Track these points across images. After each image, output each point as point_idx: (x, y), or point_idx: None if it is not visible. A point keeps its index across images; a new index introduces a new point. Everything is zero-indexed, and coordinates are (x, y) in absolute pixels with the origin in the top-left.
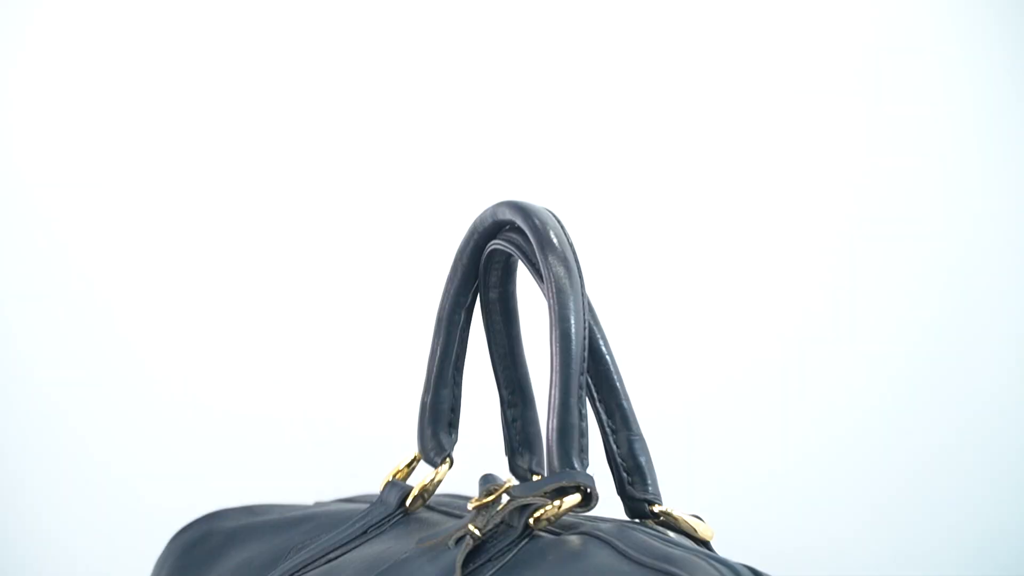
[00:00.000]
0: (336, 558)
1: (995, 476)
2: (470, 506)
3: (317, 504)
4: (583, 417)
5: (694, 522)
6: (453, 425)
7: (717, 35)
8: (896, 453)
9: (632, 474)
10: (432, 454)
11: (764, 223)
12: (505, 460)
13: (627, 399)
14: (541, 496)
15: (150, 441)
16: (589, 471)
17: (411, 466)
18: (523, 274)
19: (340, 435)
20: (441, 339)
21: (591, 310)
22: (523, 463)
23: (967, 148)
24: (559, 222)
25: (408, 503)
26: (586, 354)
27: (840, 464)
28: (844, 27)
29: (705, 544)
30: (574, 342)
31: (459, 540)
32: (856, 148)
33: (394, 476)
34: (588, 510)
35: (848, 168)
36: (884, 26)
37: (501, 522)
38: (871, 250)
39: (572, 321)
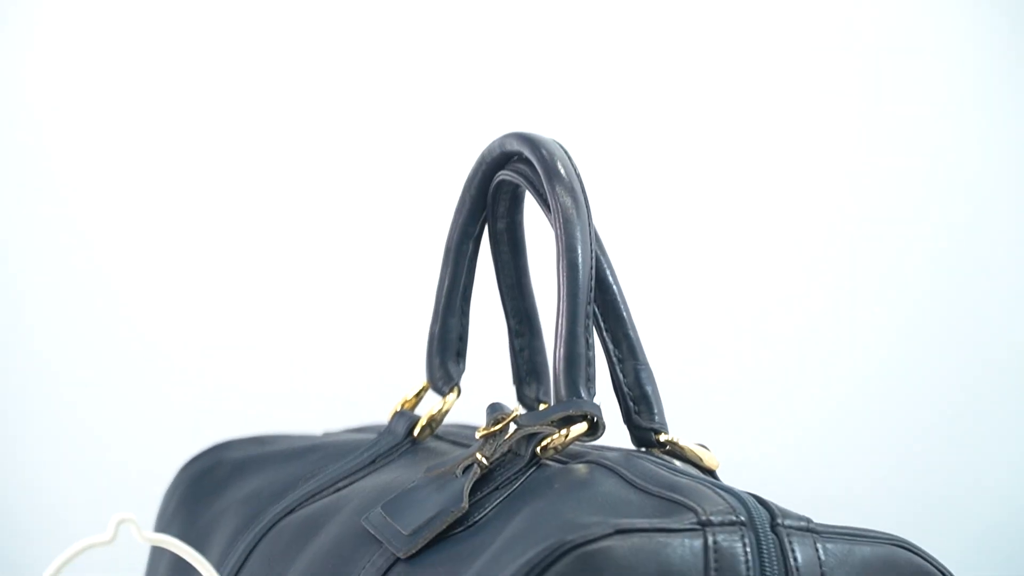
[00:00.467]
0: (344, 488)
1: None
2: (477, 435)
3: (326, 434)
4: (590, 347)
5: (700, 451)
6: (461, 354)
7: None
8: (913, 390)
9: (638, 403)
10: (440, 383)
11: (778, 144)
12: (513, 390)
13: (634, 329)
14: (548, 425)
15: (157, 374)
16: (596, 400)
17: (419, 396)
18: (531, 205)
19: (348, 366)
20: (449, 269)
21: (598, 240)
22: (530, 392)
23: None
24: (566, 153)
25: (416, 432)
26: (593, 284)
27: (851, 396)
28: (846, 23)
29: (711, 473)
30: (581, 272)
31: (466, 468)
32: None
33: (402, 406)
34: (595, 439)
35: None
36: (884, 24)
37: (508, 451)
38: (901, 193)
39: (579, 251)
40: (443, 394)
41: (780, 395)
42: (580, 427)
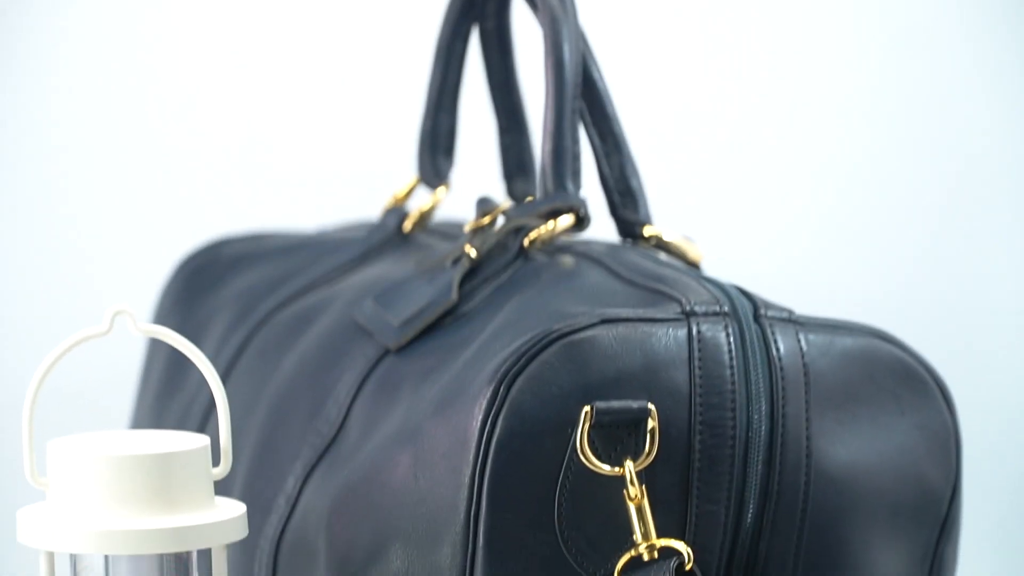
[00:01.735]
0: (336, 282)
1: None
2: (466, 228)
3: (318, 231)
4: (576, 142)
5: (684, 244)
6: (450, 150)
7: None
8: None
9: (624, 197)
10: (430, 179)
11: None
12: (501, 186)
13: (619, 125)
14: (535, 218)
15: (154, 170)
16: (582, 195)
17: (410, 191)
18: (519, 6)
19: (340, 164)
20: (440, 67)
21: (584, 39)
22: (519, 188)
23: None
24: None
25: (406, 227)
26: (579, 81)
27: (839, 191)
28: None
29: (695, 265)
30: (567, 69)
31: (456, 261)
32: None
33: (393, 201)
34: (581, 232)
35: None
36: None
37: (497, 243)
38: None
39: (565, 49)
40: (433, 189)
41: (765, 188)
42: (567, 220)
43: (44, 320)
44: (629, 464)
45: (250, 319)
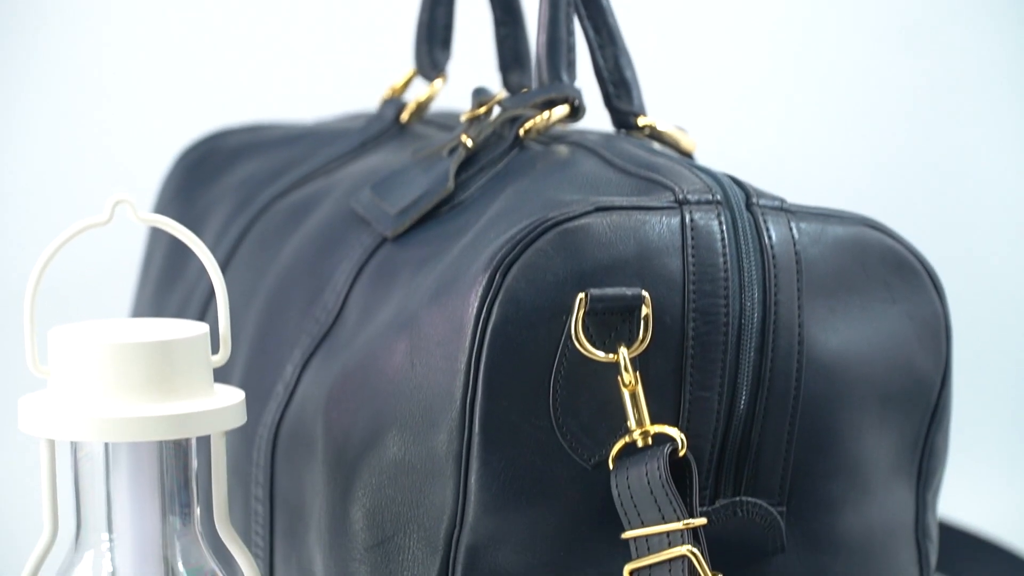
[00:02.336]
0: (334, 171)
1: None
2: (462, 118)
3: (317, 123)
4: (571, 33)
5: (678, 134)
6: (447, 42)
7: None
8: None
9: (618, 88)
10: (427, 70)
11: None
12: (497, 78)
13: (613, 16)
14: (531, 108)
15: (155, 62)
16: (576, 85)
17: (407, 83)
18: None
19: (338, 56)
20: None
21: None
22: (514, 79)
23: None
24: None
25: (404, 117)
26: None
27: (831, 81)
28: None
29: (688, 155)
30: None
31: (452, 150)
32: None
33: (391, 92)
34: (575, 121)
35: None
36: None
37: (492, 133)
38: None
39: None
40: (430, 80)
41: (758, 79)
42: (562, 110)
43: (45, 211)
44: (623, 351)
45: (249, 209)
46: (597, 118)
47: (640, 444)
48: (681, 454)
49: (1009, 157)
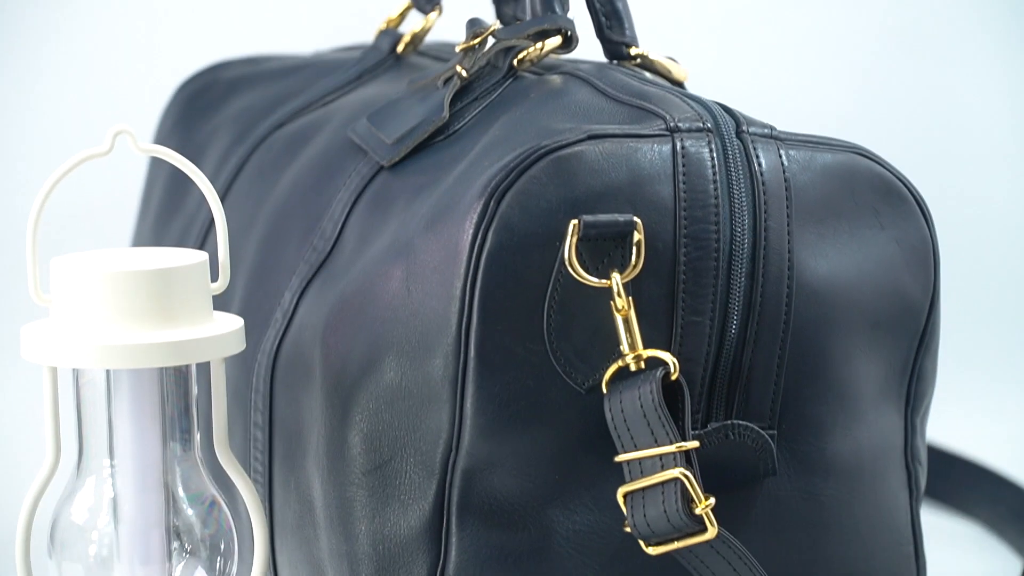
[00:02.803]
0: (332, 102)
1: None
2: (457, 49)
3: (315, 54)
4: None
5: (669, 64)
6: None
7: None
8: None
9: (610, 18)
10: (422, 2)
11: None
12: (491, 9)
13: None
14: (525, 38)
15: None
16: (569, 16)
17: (403, 15)
18: None
19: None
20: None
21: None
22: (508, 11)
23: None
24: None
25: (400, 49)
26: None
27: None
28: None
29: (679, 85)
30: None
31: (447, 80)
32: None
33: (386, 24)
34: (568, 52)
35: None
36: None
37: (487, 63)
38: None
39: None
40: (425, 12)
41: (749, 9)
42: (555, 40)
43: (46, 143)
44: (616, 276)
45: (248, 139)
46: (590, 49)
47: (633, 368)
48: (673, 378)
49: (998, 84)
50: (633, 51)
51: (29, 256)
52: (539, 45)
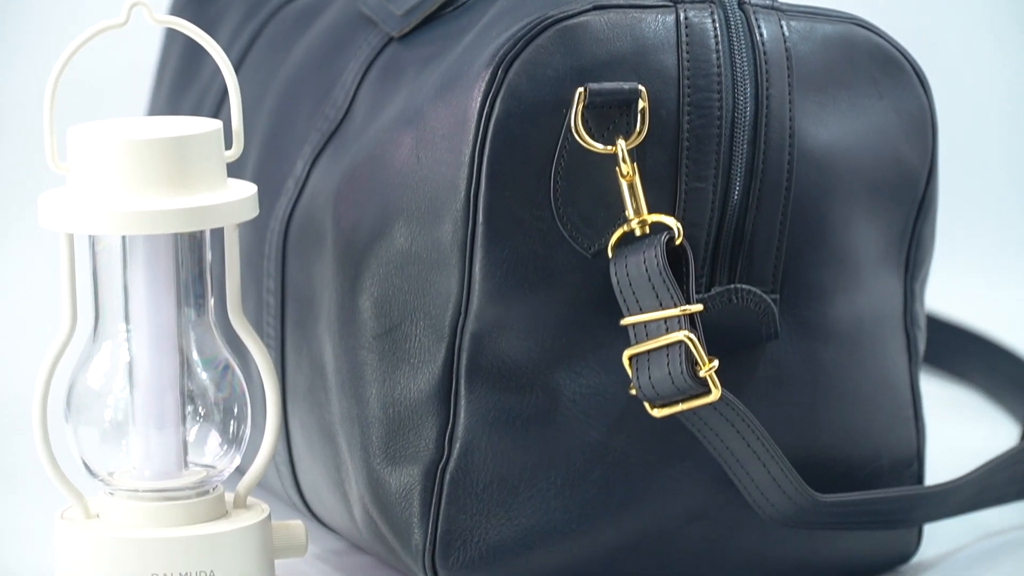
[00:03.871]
0: None
1: None
2: None
3: None
4: None
5: None
6: None
7: None
8: None
9: None
10: None
11: None
12: None
13: None
14: None
15: None
16: None
17: None
18: None
19: None
20: None
21: None
22: None
23: None
24: None
25: None
26: None
27: None
28: None
29: None
30: None
31: None
32: None
33: None
34: None
35: None
36: None
37: None
38: None
39: None
40: None
41: None
42: None
43: (63, 14)
44: (621, 143)
45: (260, 12)
46: None
47: (638, 232)
48: (678, 242)
49: None
50: None
51: (46, 125)
52: None
